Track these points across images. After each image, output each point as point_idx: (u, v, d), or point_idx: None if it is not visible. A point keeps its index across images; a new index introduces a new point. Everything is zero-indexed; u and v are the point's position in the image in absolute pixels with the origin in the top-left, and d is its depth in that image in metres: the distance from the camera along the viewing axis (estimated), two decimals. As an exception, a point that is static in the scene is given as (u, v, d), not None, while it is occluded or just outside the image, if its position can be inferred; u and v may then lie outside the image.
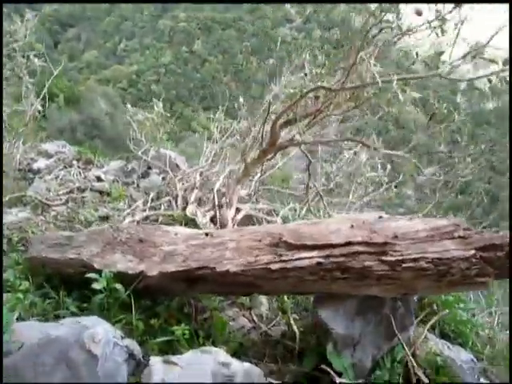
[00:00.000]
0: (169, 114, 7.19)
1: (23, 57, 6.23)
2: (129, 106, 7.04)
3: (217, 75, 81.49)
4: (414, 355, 3.21)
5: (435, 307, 3.76)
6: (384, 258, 2.80)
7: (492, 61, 3.57)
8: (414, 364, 3.04)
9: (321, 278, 2.89)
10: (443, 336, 3.71)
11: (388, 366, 3.05)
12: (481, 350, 3.82)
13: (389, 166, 6.28)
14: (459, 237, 2.80)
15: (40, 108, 6.78)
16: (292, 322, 3.52)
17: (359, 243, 2.85)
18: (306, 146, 4.56)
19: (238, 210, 4.60)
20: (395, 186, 6.24)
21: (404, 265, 2.77)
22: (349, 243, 2.86)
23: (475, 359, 3.49)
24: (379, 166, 6.11)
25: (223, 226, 4.27)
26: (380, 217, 3.04)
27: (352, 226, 2.96)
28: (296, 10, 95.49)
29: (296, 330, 3.40)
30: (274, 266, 2.91)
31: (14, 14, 6.42)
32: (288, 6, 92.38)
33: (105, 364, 2.64)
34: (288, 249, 2.95)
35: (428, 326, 3.51)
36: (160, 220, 5.09)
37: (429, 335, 3.50)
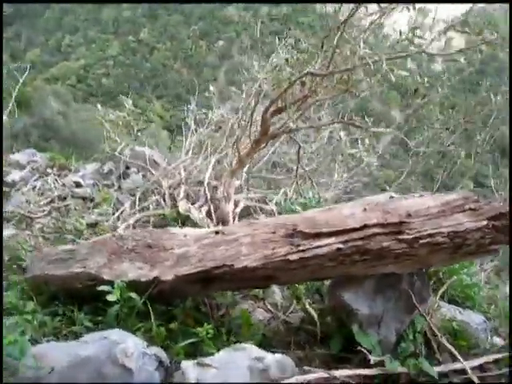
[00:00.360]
0: (139, 110, 7.02)
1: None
2: (99, 106, 6.83)
3: (167, 62, 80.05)
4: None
5: (441, 275, 3.87)
6: (400, 236, 2.86)
7: (474, 33, 3.64)
8: (437, 332, 3.13)
9: (340, 262, 2.93)
10: (452, 302, 3.83)
11: (411, 338, 3.14)
12: (487, 309, 3.96)
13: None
14: (470, 209, 2.89)
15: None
16: (308, 307, 3.56)
17: (375, 225, 2.90)
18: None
19: (235, 203, 4.57)
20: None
21: (421, 241, 2.84)
22: (365, 226, 2.90)
23: (486, 320, 3.63)
24: (359, 142, 6.17)
25: (223, 220, 4.24)
26: (391, 197, 3.08)
27: (365, 209, 3.00)
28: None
29: (314, 315, 3.44)
30: (292, 257, 2.92)
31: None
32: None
33: (139, 376, 2.61)
34: (304, 238, 2.96)
35: (439, 294, 3.62)
36: (152, 220, 5.01)
37: (440, 303, 3.61)
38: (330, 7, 4.62)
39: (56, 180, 6.59)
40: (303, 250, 2.92)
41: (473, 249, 2.90)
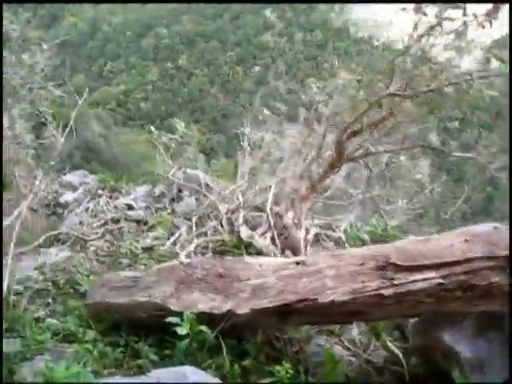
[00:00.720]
0: (191, 133, 6.89)
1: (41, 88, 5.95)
2: (152, 128, 6.74)
3: (204, 88, 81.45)
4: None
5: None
6: (512, 271, 2.54)
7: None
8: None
9: (439, 299, 2.63)
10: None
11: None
12: None
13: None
14: None
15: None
16: (390, 344, 3.24)
17: (480, 258, 2.59)
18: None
19: (306, 230, 4.31)
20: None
21: (536, 276, 2.51)
22: (468, 259, 2.59)
23: None
24: (422, 167, 5.84)
25: (293, 248, 3.99)
26: (495, 227, 2.77)
27: (466, 240, 2.70)
28: (276, 14, 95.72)
29: (399, 354, 3.12)
30: (386, 292, 2.63)
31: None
32: (268, 12, 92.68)
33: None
34: (398, 271, 2.67)
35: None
36: (210, 247, 4.79)
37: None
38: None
39: (108, 202, 6.49)
40: (398, 285, 2.63)
41: None
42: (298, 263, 2.93)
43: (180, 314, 2.99)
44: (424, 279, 2.60)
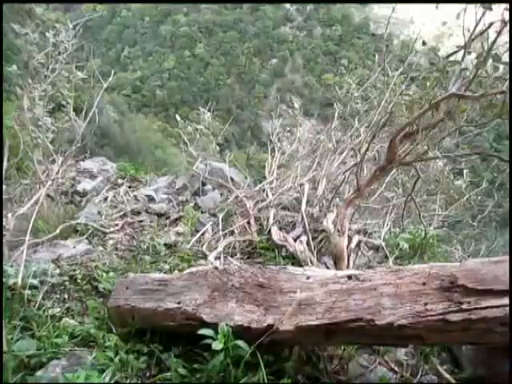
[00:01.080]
0: (218, 123, 6.58)
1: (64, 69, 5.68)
2: (178, 117, 6.43)
3: (220, 77, 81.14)
4: None
5: None
6: None
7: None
8: None
9: (514, 329, 2.29)
10: None
11: None
12: None
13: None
14: None
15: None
16: (442, 371, 2.92)
17: None
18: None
19: (349, 238, 3.99)
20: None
21: None
22: (551, 284, 2.26)
23: None
24: (464, 174, 5.49)
25: (336, 257, 3.67)
26: None
27: (548, 262, 2.36)
28: (296, 8, 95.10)
29: (452, 381, 2.81)
30: (453, 317, 2.31)
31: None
32: (288, 5, 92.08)
33: None
34: (467, 294, 2.34)
35: None
36: (238, 247, 4.48)
37: None
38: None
39: (128, 192, 6.21)
40: (467, 310, 2.31)
41: None
42: (350, 277, 2.62)
43: (213, 326, 2.71)
44: (498, 306, 2.27)
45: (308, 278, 2.70)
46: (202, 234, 4.80)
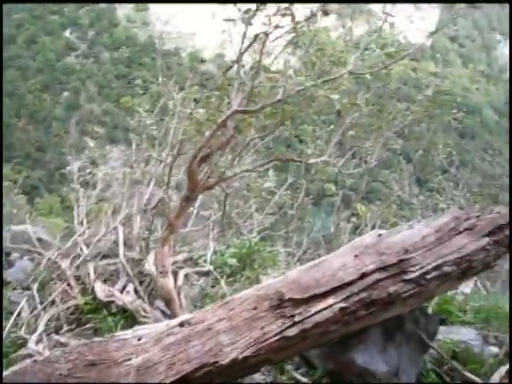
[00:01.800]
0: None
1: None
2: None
3: (10, 122, 74.16)
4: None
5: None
6: (406, 276, 2.45)
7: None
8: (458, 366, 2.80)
9: (345, 323, 2.42)
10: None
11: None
12: (467, 319, 3.70)
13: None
14: (466, 229, 2.59)
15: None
16: (297, 376, 2.99)
17: (374, 271, 2.47)
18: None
19: (175, 274, 3.78)
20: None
21: (428, 276, 2.47)
22: (363, 275, 2.44)
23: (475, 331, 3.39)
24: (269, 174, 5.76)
25: (166, 299, 3.46)
26: (379, 235, 2.67)
27: (356, 256, 2.55)
28: (76, 35, 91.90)
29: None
30: (290, 333, 2.35)
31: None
32: (68, 33, 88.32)
33: None
34: (296, 306, 2.41)
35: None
36: (62, 318, 4.02)
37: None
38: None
39: None
40: (300, 321, 2.36)
41: (479, 269, 2.60)
42: (182, 324, 2.48)
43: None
44: (326, 307, 2.37)
45: (139, 339, 2.49)
46: (18, 315, 4.19)
